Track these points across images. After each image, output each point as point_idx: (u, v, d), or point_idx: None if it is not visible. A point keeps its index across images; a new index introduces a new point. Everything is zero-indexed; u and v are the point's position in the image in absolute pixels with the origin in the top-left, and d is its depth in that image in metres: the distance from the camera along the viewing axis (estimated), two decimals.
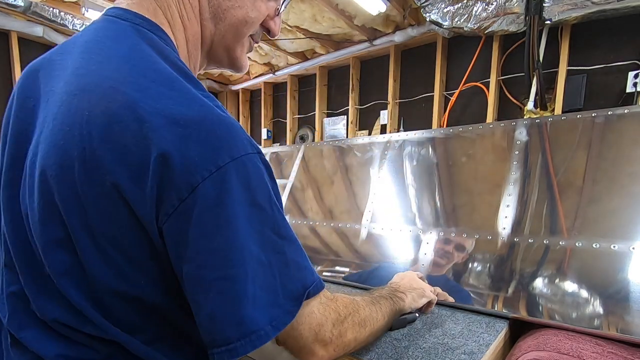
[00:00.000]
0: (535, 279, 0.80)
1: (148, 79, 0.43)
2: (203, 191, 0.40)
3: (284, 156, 1.63)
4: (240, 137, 0.43)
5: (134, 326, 0.45)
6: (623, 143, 0.83)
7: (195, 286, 0.42)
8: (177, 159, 0.39)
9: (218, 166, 0.40)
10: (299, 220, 1.34)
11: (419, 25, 2.70)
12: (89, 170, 0.41)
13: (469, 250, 0.93)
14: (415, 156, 1.17)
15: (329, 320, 0.50)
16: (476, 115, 2.68)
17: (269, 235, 0.44)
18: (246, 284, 0.41)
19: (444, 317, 0.82)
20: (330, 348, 0.51)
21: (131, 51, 0.46)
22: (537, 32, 2.02)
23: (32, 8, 2.68)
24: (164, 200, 0.40)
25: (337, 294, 0.55)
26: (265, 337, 0.42)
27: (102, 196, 0.41)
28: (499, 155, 1.00)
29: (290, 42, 3.24)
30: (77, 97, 0.43)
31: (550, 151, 0.92)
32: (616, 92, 2.14)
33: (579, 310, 0.72)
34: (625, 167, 0.80)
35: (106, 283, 0.43)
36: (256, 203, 0.43)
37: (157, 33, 0.49)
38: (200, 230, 0.40)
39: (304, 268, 0.47)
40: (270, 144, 4.26)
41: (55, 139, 0.43)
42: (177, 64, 0.47)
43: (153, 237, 0.42)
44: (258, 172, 0.44)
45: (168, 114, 0.41)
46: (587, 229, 0.78)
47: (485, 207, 0.95)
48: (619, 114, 0.86)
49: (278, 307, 0.43)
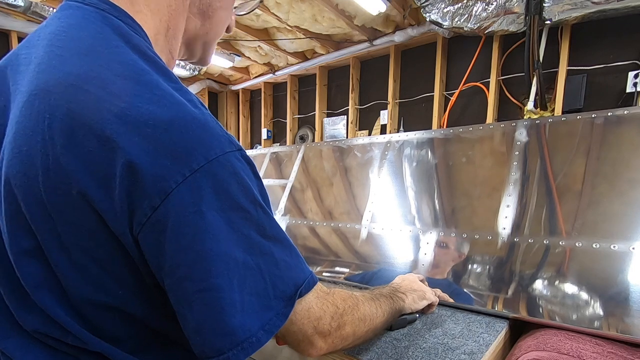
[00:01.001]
0: (535, 279, 0.80)
1: (113, 73, 0.40)
2: (177, 198, 0.37)
3: (284, 156, 1.63)
4: (215, 135, 0.40)
5: (117, 336, 0.43)
6: (623, 144, 0.83)
7: (178, 299, 0.40)
8: (146, 165, 0.36)
9: (192, 170, 0.38)
10: (299, 221, 1.34)
11: (419, 25, 2.70)
12: (54, 179, 0.38)
13: (469, 251, 0.93)
14: (415, 156, 1.17)
15: (327, 313, 0.50)
16: (476, 115, 2.67)
17: (255, 238, 0.42)
18: (232, 293, 0.39)
19: (444, 317, 0.82)
20: (329, 340, 0.51)
21: (95, 40, 0.42)
22: (537, 32, 2.02)
23: (32, 8, 2.68)
24: (136, 209, 0.37)
25: (335, 288, 0.55)
26: (257, 343, 0.41)
27: (70, 206, 0.38)
28: (499, 156, 1.00)
29: (290, 42, 3.24)
30: (38, 97, 0.40)
31: (550, 152, 0.92)
32: (616, 92, 2.14)
33: (579, 310, 0.72)
34: (625, 168, 0.80)
35: (83, 294, 0.41)
36: (238, 205, 0.41)
37: (125, 20, 0.45)
38: (177, 240, 0.38)
39: (294, 266, 0.46)
40: (270, 144, 4.26)
41: (17, 144, 0.40)
42: (147, 53, 0.44)
43: (128, 247, 0.39)
44: (238, 172, 0.41)
45: (135, 114, 0.38)
46: (587, 229, 0.78)
47: (485, 207, 0.95)
48: (619, 115, 0.86)
49: (270, 310, 0.42)
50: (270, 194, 1.54)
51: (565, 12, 1.93)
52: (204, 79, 4.23)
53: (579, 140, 0.89)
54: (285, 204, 1.43)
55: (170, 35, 0.53)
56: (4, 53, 2.78)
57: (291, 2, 2.58)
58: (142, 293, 0.43)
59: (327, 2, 2.50)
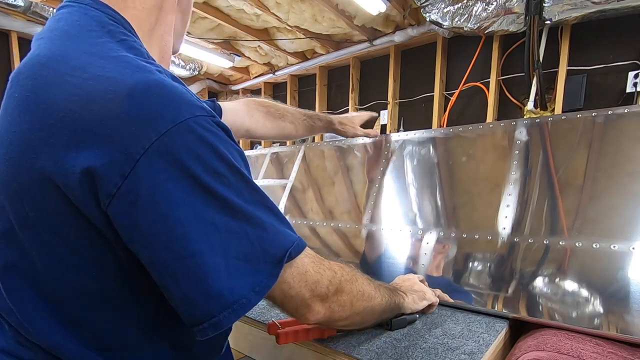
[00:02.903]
0: (535, 278, 0.80)
1: (80, 51, 0.40)
2: (147, 164, 0.35)
3: (285, 156, 1.63)
4: (185, 100, 0.38)
5: (91, 329, 0.42)
6: (623, 142, 0.83)
7: (159, 271, 0.39)
8: (110, 133, 0.35)
9: (159, 133, 0.36)
10: (299, 220, 1.35)
11: (419, 25, 2.70)
12: (19, 155, 0.39)
13: (469, 250, 0.93)
14: (415, 156, 1.17)
15: (324, 277, 0.50)
16: (476, 115, 2.67)
17: (236, 202, 0.40)
18: (214, 257, 0.38)
19: (444, 317, 0.82)
20: (327, 304, 0.51)
21: (70, 27, 0.43)
22: (537, 32, 2.02)
23: (32, 8, 2.67)
24: (102, 180, 0.36)
25: (332, 260, 0.55)
26: (248, 304, 0.40)
27: (35, 182, 0.38)
28: (499, 155, 1.00)
29: (290, 42, 3.23)
30: (13, 81, 0.42)
31: (551, 151, 0.92)
32: (616, 92, 2.14)
33: (579, 310, 0.72)
34: (625, 167, 0.80)
35: (55, 277, 0.41)
36: (212, 170, 0.39)
37: (105, 10, 0.46)
38: (151, 210, 0.36)
39: (282, 230, 0.45)
40: (270, 144, 4.26)
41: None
42: (120, 37, 0.44)
43: (99, 225, 0.38)
44: (210, 136, 0.39)
45: (95, 83, 0.37)
46: (587, 229, 0.78)
47: (485, 207, 0.95)
48: (619, 114, 0.86)
49: (260, 273, 0.42)
50: (271, 194, 1.54)
51: (565, 12, 1.93)
52: (204, 79, 4.23)
53: (579, 139, 0.89)
54: (285, 204, 1.43)
55: (164, 32, 0.54)
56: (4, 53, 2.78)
57: (291, 2, 2.58)
58: (122, 278, 0.42)
59: (327, 2, 2.50)
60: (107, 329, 0.43)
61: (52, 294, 0.42)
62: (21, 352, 0.44)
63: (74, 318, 0.42)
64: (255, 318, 0.82)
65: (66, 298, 0.42)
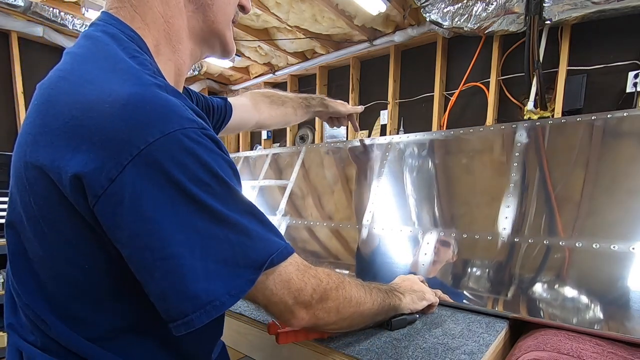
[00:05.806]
0: (535, 279, 0.80)
1: (95, 66, 0.45)
2: (133, 170, 0.38)
3: (285, 157, 1.63)
4: (175, 112, 0.41)
5: (82, 318, 0.46)
6: (623, 144, 0.83)
7: (139, 268, 0.42)
8: (102, 139, 0.38)
9: (147, 142, 0.38)
10: (299, 221, 1.35)
11: (419, 25, 2.70)
12: (29, 154, 0.43)
13: (469, 250, 0.93)
14: (415, 158, 1.17)
15: (308, 285, 0.51)
16: (476, 115, 2.67)
17: (219, 209, 0.43)
18: (192, 260, 0.41)
19: (444, 317, 0.82)
20: (311, 311, 0.52)
21: (91, 44, 0.48)
22: (537, 32, 2.02)
23: (32, 8, 2.67)
24: (92, 182, 0.38)
25: (320, 267, 0.55)
26: (221, 306, 0.42)
27: (38, 178, 0.42)
28: (499, 157, 1.00)
29: (290, 42, 3.23)
30: (37, 91, 0.47)
31: (551, 153, 0.92)
32: (616, 92, 2.14)
33: (579, 310, 0.72)
34: (625, 168, 0.80)
35: (48, 266, 0.45)
36: (197, 178, 0.41)
37: (123, 29, 0.50)
38: (134, 211, 0.39)
39: (267, 237, 0.47)
40: (270, 144, 4.26)
41: (21, 133, 0.47)
42: (133, 53, 0.47)
43: (89, 219, 0.41)
44: (196, 147, 0.41)
45: (98, 93, 0.40)
46: (587, 230, 0.79)
47: (485, 208, 0.95)
48: (619, 117, 0.86)
49: (238, 278, 0.43)
50: (271, 195, 1.54)
51: (565, 12, 1.93)
52: (204, 79, 4.23)
53: (579, 142, 0.89)
54: (285, 205, 1.43)
55: (174, 41, 0.55)
56: (4, 53, 2.78)
57: (291, 2, 2.58)
58: (113, 273, 0.45)
59: (327, 2, 2.50)
60: (98, 321, 0.46)
61: (50, 281, 0.46)
62: (24, 331, 0.48)
63: (66, 307, 0.46)
64: (255, 318, 0.82)
65: (60, 288, 0.45)
